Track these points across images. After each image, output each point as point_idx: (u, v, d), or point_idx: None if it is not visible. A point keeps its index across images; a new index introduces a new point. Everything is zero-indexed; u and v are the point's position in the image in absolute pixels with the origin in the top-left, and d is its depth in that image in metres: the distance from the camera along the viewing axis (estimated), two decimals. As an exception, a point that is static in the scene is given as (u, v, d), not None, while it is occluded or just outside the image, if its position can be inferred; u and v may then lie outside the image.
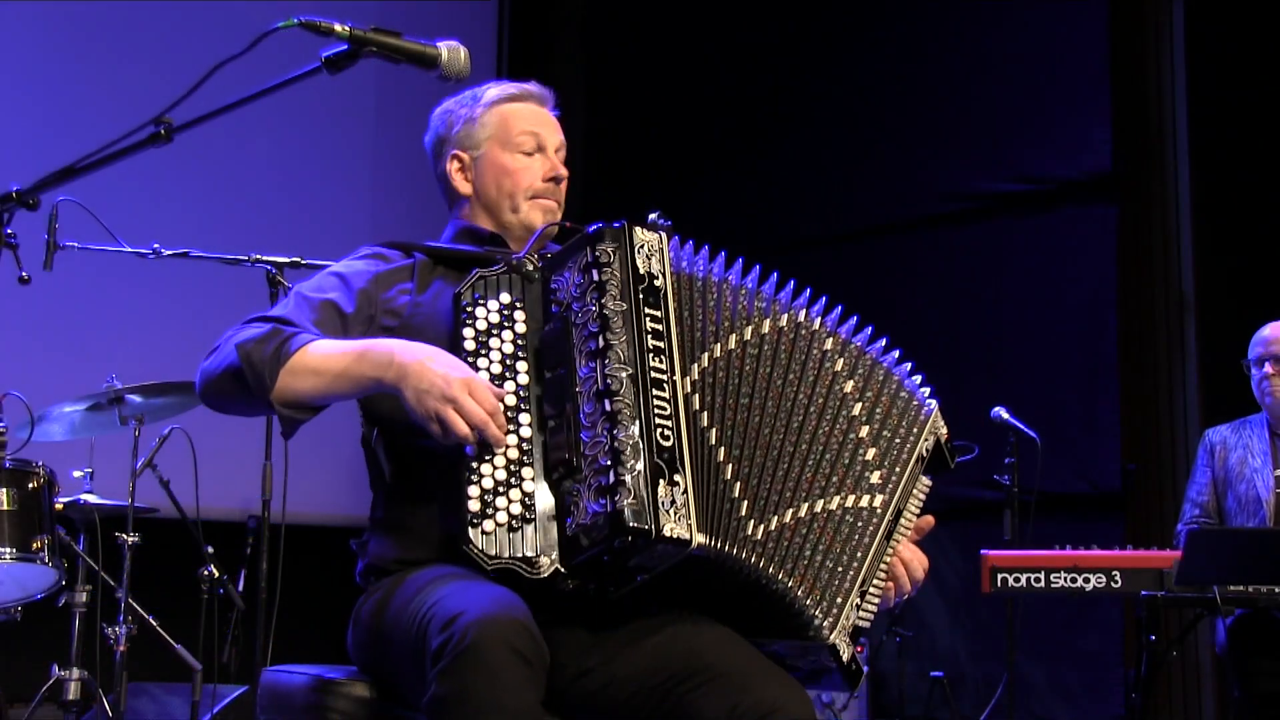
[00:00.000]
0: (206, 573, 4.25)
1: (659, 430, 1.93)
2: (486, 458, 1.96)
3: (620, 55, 7.02)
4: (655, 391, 1.95)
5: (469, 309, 2.06)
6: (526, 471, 1.97)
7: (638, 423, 1.92)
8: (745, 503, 2.00)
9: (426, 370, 1.96)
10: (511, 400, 2.01)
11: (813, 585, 2.03)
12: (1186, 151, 5.34)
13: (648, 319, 2.00)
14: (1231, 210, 5.37)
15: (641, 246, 2.05)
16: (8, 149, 5.27)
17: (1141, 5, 5.52)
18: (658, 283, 2.04)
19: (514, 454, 1.97)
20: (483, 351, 2.04)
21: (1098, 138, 5.44)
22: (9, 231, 1.93)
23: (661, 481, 1.90)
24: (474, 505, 1.94)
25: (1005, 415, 4.62)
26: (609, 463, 1.90)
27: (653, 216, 2.12)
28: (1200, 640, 4.98)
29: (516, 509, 1.95)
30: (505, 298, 2.08)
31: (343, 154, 6.49)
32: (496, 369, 2.03)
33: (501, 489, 1.95)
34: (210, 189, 5.89)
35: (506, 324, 2.07)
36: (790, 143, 6.40)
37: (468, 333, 2.05)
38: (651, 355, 1.98)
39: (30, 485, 3.88)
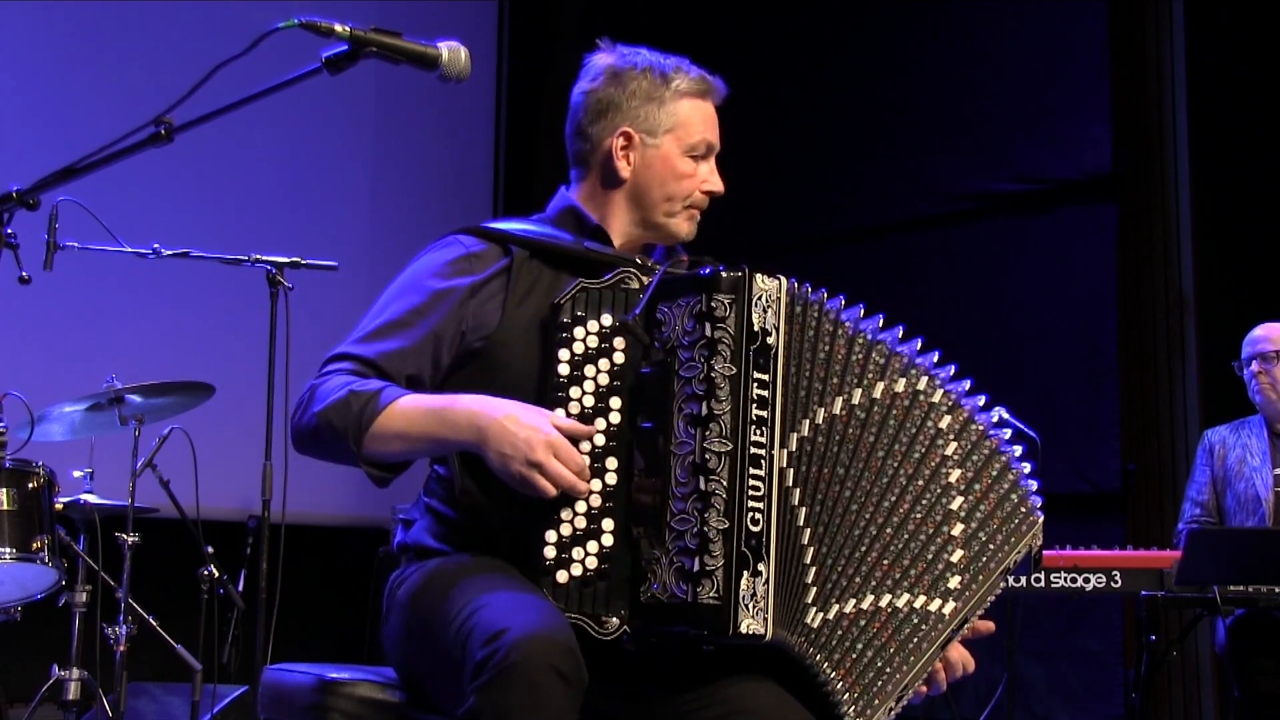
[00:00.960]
0: (206, 573, 4.25)
1: (750, 515, 1.87)
2: (567, 504, 1.92)
3: (620, 55, 7.01)
4: (752, 470, 1.88)
5: (568, 324, 1.97)
6: (607, 523, 1.92)
7: (730, 506, 1.86)
8: (814, 589, 1.96)
9: (508, 433, 1.90)
10: (600, 440, 1.94)
11: (854, 682, 1.98)
12: (1186, 151, 5.34)
13: (755, 385, 1.90)
14: (1231, 210, 5.37)
15: (759, 298, 1.92)
16: (8, 149, 5.27)
17: (1141, 5, 5.52)
18: (770, 340, 1.93)
19: (596, 501, 1.92)
20: (577, 380, 1.96)
21: (1098, 137, 5.43)
22: (9, 231, 1.92)
23: (745, 573, 1.85)
24: (550, 552, 1.91)
25: (1005, 415, 4.61)
26: (695, 546, 1.85)
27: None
28: (1200, 640, 4.97)
29: (592, 563, 1.91)
30: (607, 319, 1.97)
31: (343, 154, 6.49)
32: (589, 401, 1.95)
33: (580, 536, 1.91)
34: (210, 189, 5.90)
35: (605, 351, 1.96)
36: (789, 143, 6.40)
37: (563, 355, 1.96)
38: (754, 427, 1.89)
39: (30, 485, 3.88)
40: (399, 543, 2.19)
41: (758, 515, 1.88)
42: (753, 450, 1.89)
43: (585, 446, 1.93)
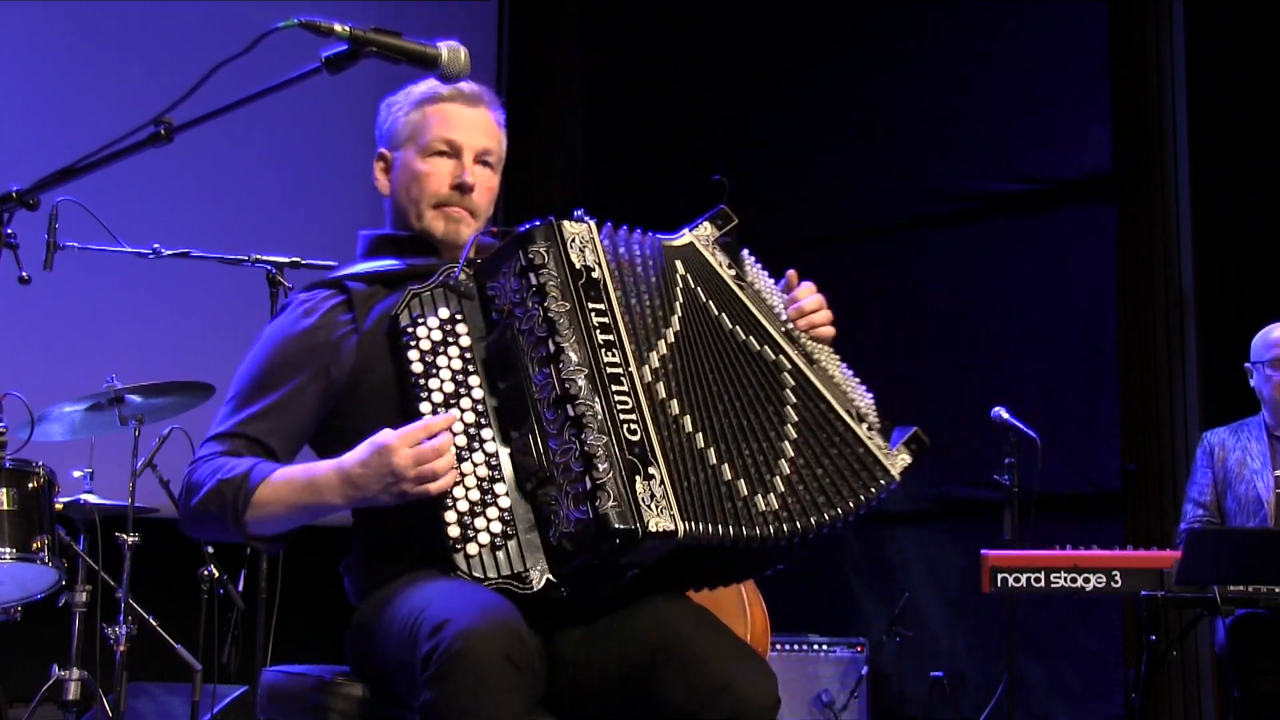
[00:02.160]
0: (206, 573, 4.25)
1: (625, 426, 1.93)
2: (456, 482, 1.96)
3: (620, 55, 7.01)
4: (614, 387, 1.95)
5: (409, 330, 2.03)
6: (499, 487, 1.96)
7: (603, 423, 1.91)
8: (742, 481, 2.01)
9: (371, 472, 1.95)
10: (470, 418, 1.99)
11: (848, 493, 2.07)
12: (1186, 151, 5.34)
13: (593, 314, 1.99)
14: (1231, 210, 5.37)
15: (573, 240, 2.04)
16: (8, 149, 5.27)
17: (1141, 5, 5.52)
18: (595, 274, 2.03)
19: (484, 471, 1.97)
20: (432, 372, 2.01)
21: (1098, 137, 5.43)
22: (9, 231, 1.92)
23: (638, 478, 1.89)
24: (454, 531, 1.94)
25: (1005, 415, 4.61)
26: (582, 469, 1.89)
27: (578, 213, 2.10)
28: (1200, 640, 4.97)
29: (496, 527, 1.94)
30: (444, 312, 2.05)
31: (343, 154, 6.48)
32: (449, 387, 2.01)
33: (478, 509, 1.95)
34: (210, 189, 5.89)
35: (450, 339, 2.03)
36: (790, 143, 6.40)
37: (413, 355, 2.02)
38: (603, 350, 1.97)
39: (30, 485, 3.87)
40: (351, 594, 2.24)
41: (633, 425, 1.94)
42: (610, 370, 1.96)
43: (458, 427, 1.98)
